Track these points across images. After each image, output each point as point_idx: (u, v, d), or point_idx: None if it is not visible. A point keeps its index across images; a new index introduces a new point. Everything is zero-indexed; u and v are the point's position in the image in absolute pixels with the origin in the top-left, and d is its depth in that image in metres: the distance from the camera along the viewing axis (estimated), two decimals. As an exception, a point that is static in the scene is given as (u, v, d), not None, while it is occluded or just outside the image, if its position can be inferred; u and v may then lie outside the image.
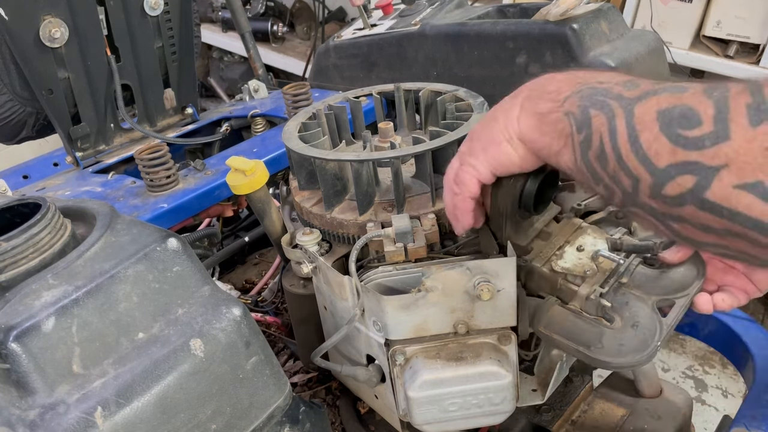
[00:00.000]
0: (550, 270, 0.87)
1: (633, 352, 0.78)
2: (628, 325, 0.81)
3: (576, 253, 0.86)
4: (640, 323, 0.80)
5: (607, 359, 0.79)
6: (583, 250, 0.84)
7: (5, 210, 0.74)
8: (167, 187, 1.42)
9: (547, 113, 0.69)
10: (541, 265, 0.88)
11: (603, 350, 0.80)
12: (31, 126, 1.61)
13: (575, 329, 0.84)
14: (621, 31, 1.49)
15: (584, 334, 0.82)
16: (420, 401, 0.89)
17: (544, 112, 0.70)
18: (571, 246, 0.87)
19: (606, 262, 0.84)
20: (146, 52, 1.68)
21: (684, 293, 0.82)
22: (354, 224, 1.01)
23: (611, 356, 0.79)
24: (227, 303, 0.70)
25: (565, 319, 0.85)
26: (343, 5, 4.07)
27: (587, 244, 0.85)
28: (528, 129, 0.72)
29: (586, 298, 0.83)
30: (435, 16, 1.70)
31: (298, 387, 1.28)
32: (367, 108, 1.42)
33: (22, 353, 0.59)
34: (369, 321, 0.92)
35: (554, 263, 0.87)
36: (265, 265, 1.69)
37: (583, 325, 0.83)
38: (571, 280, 0.86)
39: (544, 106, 0.70)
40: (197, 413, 0.66)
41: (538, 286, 0.90)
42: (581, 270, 0.84)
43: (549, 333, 0.85)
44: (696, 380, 2.52)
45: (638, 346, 0.78)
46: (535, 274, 0.90)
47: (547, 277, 0.88)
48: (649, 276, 0.83)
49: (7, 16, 1.37)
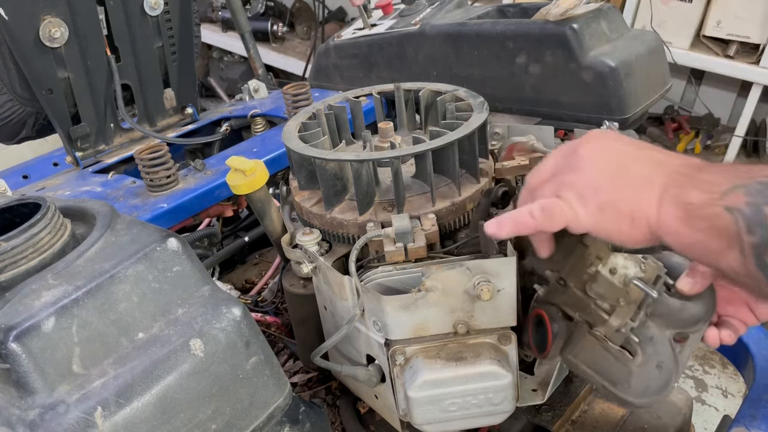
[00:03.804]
0: (584, 293, 0.85)
1: (656, 393, 0.80)
2: (653, 363, 0.81)
3: (609, 276, 0.83)
4: (664, 364, 0.81)
5: (632, 399, 0.81)
6: (616, 272, 0.83)
7: (5, 210, 0.74)
8: (167, 187, 1.42)
9: (700, 206, 0.61)
10: (574, 286, 0.86)
11: (630, 390, 0.81)
12: (31, 126, 1.61)
13: (605, 364, 0.83)
14: (621, 31, 1.49)
15: (613, 371, 0.82)
16: (420, 401, 0.89)
17: (695, 203, 0.61)
18: (604, 267, 0.84)
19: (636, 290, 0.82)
20: (146, 52, 1.68)
21: (697, 328, 0.82)
22: (354, 224, 1.01)
23: (636, 396, 0.81)
24: (227, 303, 0.70)
25: (594, 350, 0.84)
26: (343, 5, 4.07)
27: (619, 265, 0.84)
28: (672, 220, 0.63)
29: (616, 330, 0.82)
30: (435, 16, 1.70)
31: (298, 387, 1.28)
32: (367, 108, 1.42)
33: (22, 353, 0.59)
34: (369, 321, 0.92)
35: (588, 286, 0.85)
36: (265, 265, 1.69)
37: (612, 361, 0.83)
38: (601, 304, 0.84)
39: (695, 196, 0.61)
40: (197, 413, 0.66)
41: (567, 304, 0.88)
42: (614, 297, 0.82)
43: (577, 362, 0.85)
44: (696, 380, 2.52)
45: (661, 386, 0.80)
46: (567, 294, 0.87)
47: (580, 299, 0.86)
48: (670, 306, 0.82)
49: (7, 16, 1.37)
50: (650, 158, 0.67)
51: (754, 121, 2.90)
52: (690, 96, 3.30)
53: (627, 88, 1.37)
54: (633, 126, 1.44)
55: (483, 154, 1.10)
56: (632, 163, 0.68)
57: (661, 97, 1.52)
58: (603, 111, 1.39)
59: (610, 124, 1.12)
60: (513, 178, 1.16)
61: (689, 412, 1.17)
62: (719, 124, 3.18)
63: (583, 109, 1.43)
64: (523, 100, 1.52)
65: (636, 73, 1.40)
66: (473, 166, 1.05)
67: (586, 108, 1.42)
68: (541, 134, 1.17)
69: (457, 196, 1.02)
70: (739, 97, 3.15)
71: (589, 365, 0.84)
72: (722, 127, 3.18)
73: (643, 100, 1.43)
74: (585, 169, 0.70)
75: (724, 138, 3.07)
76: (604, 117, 1.31)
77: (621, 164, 0.68)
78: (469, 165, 1.06)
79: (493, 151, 1.19)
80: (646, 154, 0.68)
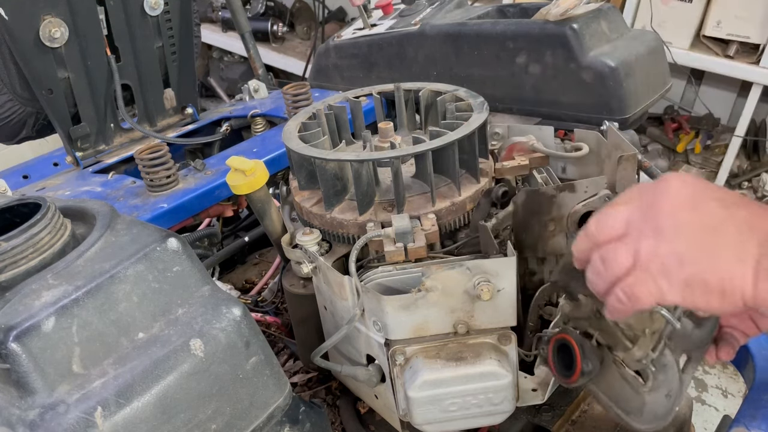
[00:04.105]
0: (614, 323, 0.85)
1: (662, 419, 0.83)
2: (663, 392, 0.83)
3: None
4: (672, 392, 0.82)
5: (641, 426, 0.84)
6: None
7: (5, 210, 0.74)
8: (167, 187, 1.42)
9: None
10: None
11: (641, 419, 0.84)
12: (31, 126, 1.61)
13: (621, 393, 0.85)
14: (621, 31, 1.49)
15: (630, 401, 0.85)
16: (420, 401, 0.89)
17: None
18: None
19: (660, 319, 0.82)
20: (146, 52, 1.68)
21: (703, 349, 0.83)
22: (354, 224, 1.01)
23: (645, 423, 0.84)
24: (227, 303, 0.70)
25: (612, 377, 0.86)
26: (343, 5, 4.07)
27: None
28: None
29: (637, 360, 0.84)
30: (435, 16, 1.70)
31: (298, 387, 1.28)
32: (367, 108, 1.42)
33: (22, 353, 0.59)
34: (369, 321, 0.92)
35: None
36: (265, 265, 1.69)
37: (630, 392, 0.85)
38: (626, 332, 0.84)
39: None
40: (197, 413, 0.66)
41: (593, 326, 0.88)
42: (641, 327, 0.82)
43: (596, 390, 0.87)
44: (696, 380, 2.52)
45: (667, 413, 0.82)
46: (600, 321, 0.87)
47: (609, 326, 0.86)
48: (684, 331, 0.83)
49: (7, 16, 1.37)
50: (739, 221, 0.62)
51: (754, 121, 2.90)
52: (690, 96, 3.30)
53: (627, 88, 1.37)
54: (633, 126, 1.44)
55: (483, 154, 1.10)
56: (720, 227, 0.62)
57: (661, 97, 1.52)
58: (603, 111, 1.39)
59: (610, 124, 1.12)
60: (513, 178, 1.16)
61: (689, 412, 1.17)
62: (719, 124, 3.18)
63: (583, 109, 1.43)
64: (523, 100, 1.52)
65: (636, 73, 1.40)
66: (473, 166, 1.05)
67: (586, 108, 1.42)
68: (541, 134, 1.18)
69: (457, 196, 1.02)
70: (739, 97, 3.15)
71: (606, 393, 0.86)
72: (722, 127, 3.18)
73: (643, 100, 1.43)
74: (668, 234, 0.63)
75: (724, 138, 3.07)
76: (604, 117, 1.31)
77: (708, 230, 0.62)
78: (469, 165, 1.06)
79: (493, 151, 1.19)
80: (735, 215, 0.62)
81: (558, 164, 1.21)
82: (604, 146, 1.11)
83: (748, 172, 2.94)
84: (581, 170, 1.19)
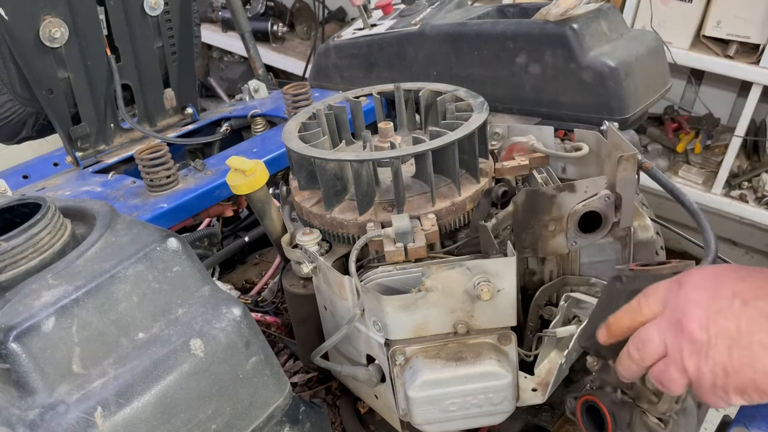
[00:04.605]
0: (642, 382, 0.87)
1: None
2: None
3: None
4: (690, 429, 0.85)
5: None
6: None
7: (5, 210, 0.74)
8: (167, 187, 1.42)
9: None
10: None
11: None
12: (31, 126, 1.61)
13: None
14: (621, 31, 1.49)
15: None
16: (420, 401, 0.89)
17: None
18: None
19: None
20: (146, 52, 1.68)
21: None
22: (354, 224, 1.01)
23: None
24: (227, 303, 0.70)
25: (637, 428, 0.87)
26: (343, 5, 4.07)
27: None
28: None
29: (662, 413, 0.85)
30: (435, 16, 1.70)
31: (298, 387, 1.28)
32: (367, 108, 1.42)
33: (22, 353, 0.59)
34: (369, 321, 0.92)
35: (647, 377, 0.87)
36: (265, 265, 1.69)
37: None
38: (651, 388, 0.86)
39: None
40: (197, 413, 0.66)
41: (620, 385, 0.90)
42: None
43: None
44: (696, 380, 2.51)
45: None
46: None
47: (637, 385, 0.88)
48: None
49: (7, 16, 1.37)
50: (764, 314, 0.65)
51: (754, 121, 2.90)
52: (690, 96, 3.30)
53: (627, 88, 1.37)
54: (633, 126, 1.44)
55: (483, 154, 1.10)
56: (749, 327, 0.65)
57: (661, 97, 1.52)
58: (603, 111, 1.39)
59: (610, 124, 1.12)
60: (513, 178, 1.16)
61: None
62: (719, 124, 3.18)
63: (583, 109, 1.43)
64: (523, 100, 1.52)
65: (636, 73, 1.40)
66: (473, 166, 1.05)
67: (586, 108, 1.42)
68: (541, 134, 1.18)
69: (457, 196, 1.02)
70: (739, 97, 3.14)
71: None
72: (722, 127, 3.18)
73: (643, 100, 1.43)
74: (705, 350, 0.67)
75: (724, 138, 3.07)
76: (604, 117, 1.31)
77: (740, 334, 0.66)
78: (469, 165, 1.06)
79: (493, 151, 1.19)
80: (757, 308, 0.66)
81: (558, 164, 1.21)
82: (604, 146, 1.11)
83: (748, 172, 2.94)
84: (581, 170, 1.19)
